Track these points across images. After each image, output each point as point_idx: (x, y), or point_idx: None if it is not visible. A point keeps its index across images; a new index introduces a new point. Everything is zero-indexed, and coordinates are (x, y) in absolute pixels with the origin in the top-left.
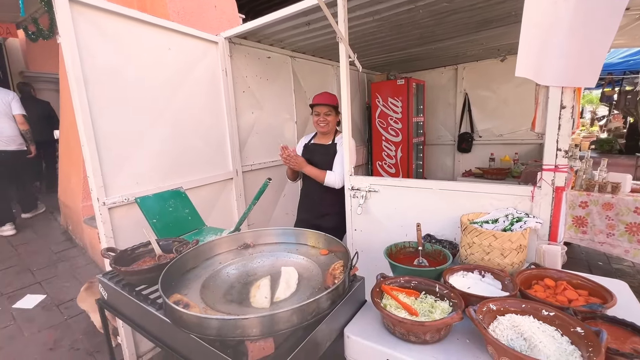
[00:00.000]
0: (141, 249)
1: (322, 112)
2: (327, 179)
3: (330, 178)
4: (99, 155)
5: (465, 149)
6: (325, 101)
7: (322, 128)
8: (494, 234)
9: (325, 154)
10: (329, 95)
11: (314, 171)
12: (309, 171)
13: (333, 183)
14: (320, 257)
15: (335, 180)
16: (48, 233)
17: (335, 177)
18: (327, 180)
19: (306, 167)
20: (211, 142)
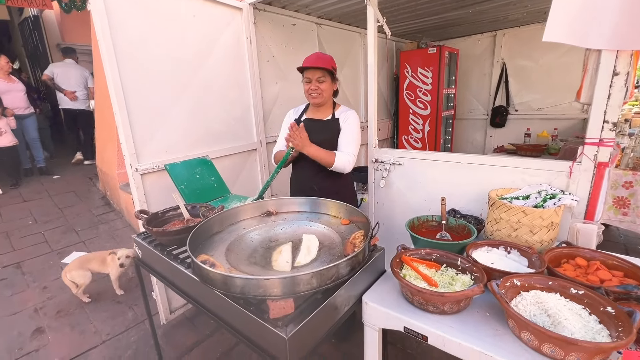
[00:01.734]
0: (171, 213)
1: (313, 78)
2: (338, 162)
3: (341, 160)
4: (131, 124)
5: (498, 123)
6: (316, 64)
7: (315, 98)
8: (523, 210)
9: (324, 132)
10: (322, 56)
11: (319, 152)
12: (313, 152)
13: (343, 167)
14: (341, 227)
15: (346, 162)
16: (89, 198)
17: (346, 159)
18: (338, 163)
19: (310, 146)
20: (236, 113)
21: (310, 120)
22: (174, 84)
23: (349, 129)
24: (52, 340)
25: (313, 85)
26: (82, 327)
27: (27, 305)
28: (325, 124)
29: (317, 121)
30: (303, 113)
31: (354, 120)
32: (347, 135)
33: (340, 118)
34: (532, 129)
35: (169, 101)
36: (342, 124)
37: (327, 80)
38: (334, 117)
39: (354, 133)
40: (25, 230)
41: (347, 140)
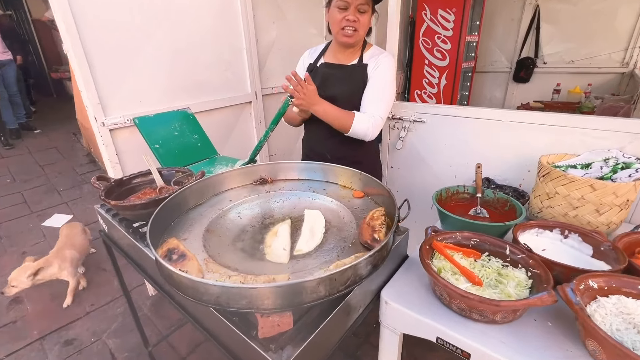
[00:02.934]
0: (139, 179)
1: (353, 4)
2: (356, 126)
3: (362, 125)
4: (90, 66)
5: (523, 78)
6: None
7: (349, 37)
8: (591, 184)
9: (345, 83)
10: None
11: (331, 113)
12: (322, 112)
13: (364, 133)
14: (354, 201)
15: (368, 128)
16: (72, 155)
17: (369, 123)
18: (356, 128)
19: (319, 104)
20: (225, 58)
21: (328, 65)
22: (144, 17)
23: (379, 80)
24: (31, 311)
25: (351, 15)
26: (64, 297)
27: (4, 272)
28: (348, 72)
29: (337, 67)
30: (321, 55)
31: (389, 67)
32: (375, 88)
33: (370, 64)
34: (563, 84)
35: (139, 39)
36: (371, 72)
37: (368, 11)
38: (360, 62)
39: (385, 86)
40: (3, 189)
41: (374, 96)
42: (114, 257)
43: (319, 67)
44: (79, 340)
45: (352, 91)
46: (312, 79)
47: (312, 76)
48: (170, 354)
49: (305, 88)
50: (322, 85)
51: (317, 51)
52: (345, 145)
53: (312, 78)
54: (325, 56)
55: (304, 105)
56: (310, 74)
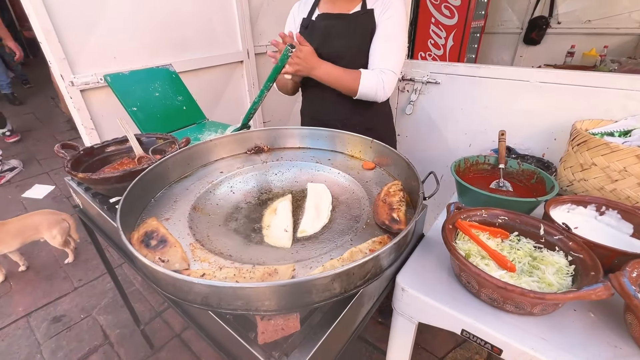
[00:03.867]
0: (114, 147)
1: None
2: (364, 86)
3: (370, 83)
4: (49, 12)
5: (534, 40)
6: None
7: None
8: (638, 154)
9: (348, 36)
10: None
11: (335, 73)
12: (325, 74)
13: (374, 93)
14: (364, 173)
15: (378, 86)
16: (51, 121)
17: (379, 80)
18: (365, 88)
19: (318, 67)
20: (213, 10)
21: (326, 16)
22: None
23: (388, 27)
24: (15, 287)
25: None
26: (50, 271)
27: None
28: (352, 21)
29: (337, 17)
30: (314, 7)
31: (399, 11)
32: (383, 38)
33: (376, 9)
34: (577, 47)
35: None
36: (379, 17)
37: None
38: (365, 9)
39: (395, 34)
40: None
41: (384, 48)
42: (93, 235)
43: (315, 21)
44: (68, 316)
45: (358, 45)
46: (310, 35)
47: (309, 33)
48: (165, 330)
49: (299, 51)
50: (323, 42)
51: (308, 3)
52: (351, 110)
53: (310, 35)
54: (320, 7)
55: (301, 71)
56: (306, 31)
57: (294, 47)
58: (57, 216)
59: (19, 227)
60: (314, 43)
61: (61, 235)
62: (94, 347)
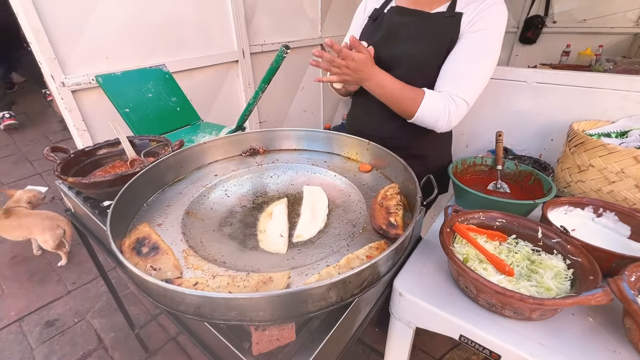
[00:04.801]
0: (106, 150)
1: None
2: (424, 110)
3: (433, 108)
4: (38, 10)
5: (529, 39)
6: None
7: None
8: (636, 156)
9: (425, 39)
10: None
11: (391, 88)
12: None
13: (435, 121)
14: (361, 175)
15: (443, 114)
16: (44, 121)
17: (445, 108)
18: (424, 113)
19: (373, 78)
20: (207, 9)
21: (400, 11)
22: None
23: (478, 40)
24: (7, 291)
25: None
26: (43, 274)
27: None
28: (430, 23)
29: (413, 14)
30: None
31: (498, 22)
32: (469, 54)
33: (467, 13)
34: (573, 46)
35: None
36: (468, 26)
37: None
38: (452, 10)
39: (485, 52)
40: None
41: (465, 68)
42: (86, 239)
43: (386, 14)
44: (61, 320)
45: (428, 54)
46: (375, 31)
47: (374, 27)
48: (160, 334)
49: (351, 60)
50: (386, 42)
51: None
52: (405, 131)
53: (375, 30)
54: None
55: (349, 82)
56: (374, 24)
57: (289, 47)
58: (52, 221)
59: (14, 225)
60: (376, 39)
61: (53, 241)
62: (87, 351)
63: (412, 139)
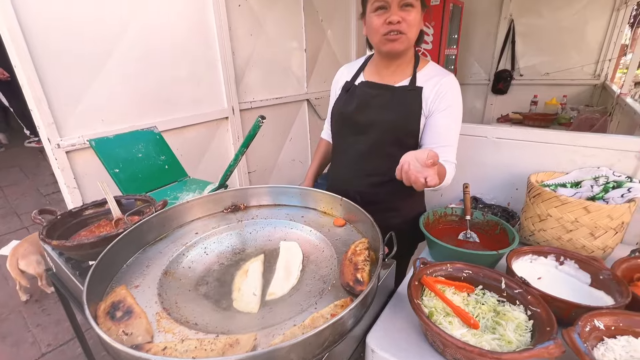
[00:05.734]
0: (92, 210)
1: (393, 2)
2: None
3: (448, 178)
4: (42, 81)
5: (501, 90)
6: None
7: (394, 42)
8: (585, 207)
9: (393, 109)
10: None
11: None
12: None
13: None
14: (334, 230)
15: (450, 178)
16: (37, 174)
17: (452, 173)
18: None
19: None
20: (199, 72)
21: (369, 85)
22: (108, 28)
23: (451, 115)
24: None
25: (393, 16)
26: (17, 336)
27: None
28: (396, 95)
29: (381, 88)
30: (360, 71)
31: (458, 96)
32: (450, 126)
33: (427, 88)
34: (539, 96)
35: (100, 49)
36: (434, 103)
37: (417, 7)
38: (413, 85)
39: (458, 124)
40: None
41: (450, 137)
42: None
43: (357, 86)
44: None
45: (397, 120)
46: (349, 100)
47: (347, 97)
48: None
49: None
50: (361, 110)
51: (355, 66)
52: (381, 187)
53: (348, 100)
54: (365, 72)
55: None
56: (347, 94)
57: (264, 118)
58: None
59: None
60: (352, 108)
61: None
62: None
63: (388, 194)
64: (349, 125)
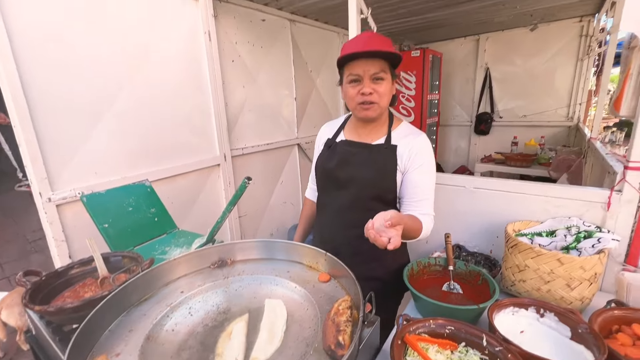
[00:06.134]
0: (78, 269)
1: (365, 75)
2: (424, 234)
3: (427, 230)
4: (38, 139)
5: (483, 131)
6: (372, 46)
7: (367, 110)
8: (559, 258)
9: (371, 165)
10: (377, 37)
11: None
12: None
13: (426, 237)
14: (319, 286)
15: (429, 230)
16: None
17: (431, 225)
18: (423, 235)
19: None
20: (192, 122)
21: (349, 143)
22: (105, 84)
23: (426, 171)
24: None
25: (366, 88)
26: None
27: None
28: (373, 153)
29: (359, 146)
30: (340, 130)
31: (430, 153)
32: (425, 182)
33: (401, 146)
34: (519, 137)
35: (98, 106)
36: (408, 160)
37: (387, 79)
38: (388, 143)
39: (433, 179)
40: None
41: (426, 191)
42: None
43: (338, 144)
44: None
45: (375, 176)
46: (330, 156)
47: (329, 154)
48: None
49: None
50: (341, 166)
51: (335, 124)
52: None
53: (329, 156)
54: (345, 131)
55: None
56: (328, 151)
57: (250, 179)
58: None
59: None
60: (333, 164)
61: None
62: None
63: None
64: (331, 180)
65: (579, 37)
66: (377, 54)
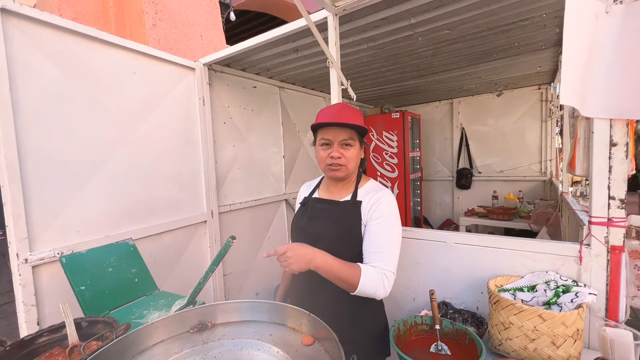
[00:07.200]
0: (46, 337)
1: (335, 141)
2: (365, 283)
3: (370, 281)
4: (24, 197)
5: (464, 185)
6: (342, 119)
7: (336, 171)
8: (540, 314)
9: (337, 220)
10: (349, 109)
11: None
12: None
13: (374, 291)
14: (302, 350)
15: (378, 285)
16: None
17: (379, 280)
18: (365, 286)
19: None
20: (182, 180)
21: (319, 201)
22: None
23: (381, 224)
24: None
25: (335, 152)
26: None
27: None
28: (340, 209)
29: (327, 202)
30: (315, 189)
31: (390, 206)
32: (378, 236)
33: (365, 201)
34: (498, 191)
35: (90, 166)
36: (368, 212)
37: (355, 145)
38: (354, 199)
39: (390, 231)
40: None
41: (380, 246)
42: None
43: (310, 202)
44: None
45: (340, 230)
46: (304, 213)
47: (303, 211)
48: None
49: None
50: (311, 222)
51: (312, 184)
52: (340, 297)
53: (302, 213)
54: (319, 190)
55: (301, 268)
56: (303, 208)
57: (234, 238)
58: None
59: None
60: (305, 221)
61: None
62: None
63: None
64: (303, 236)
65: (540, 102)
66: (346, 126)
